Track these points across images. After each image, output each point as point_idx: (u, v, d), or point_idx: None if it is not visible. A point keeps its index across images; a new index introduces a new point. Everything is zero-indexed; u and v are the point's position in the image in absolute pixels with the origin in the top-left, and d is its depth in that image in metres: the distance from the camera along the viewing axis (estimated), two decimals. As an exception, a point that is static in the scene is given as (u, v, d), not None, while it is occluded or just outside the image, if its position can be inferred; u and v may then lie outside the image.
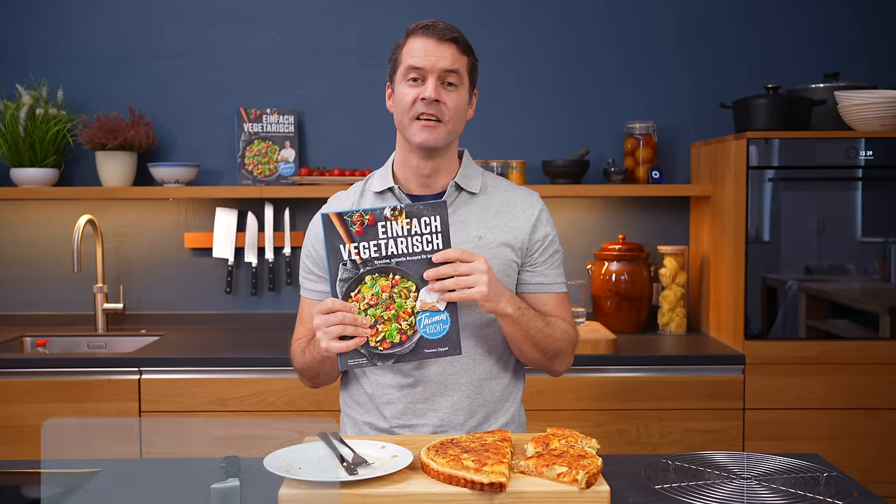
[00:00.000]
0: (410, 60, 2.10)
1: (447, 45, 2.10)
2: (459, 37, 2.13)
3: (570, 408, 3.31)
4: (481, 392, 2.18)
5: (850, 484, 1.82)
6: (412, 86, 2.10)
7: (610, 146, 3.99)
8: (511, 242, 2.18)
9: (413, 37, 2.13)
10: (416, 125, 2.10)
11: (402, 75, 2.13)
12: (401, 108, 2.13)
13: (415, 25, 2.14)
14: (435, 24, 2.12)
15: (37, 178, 3.78)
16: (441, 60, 2.09)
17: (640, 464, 1.93)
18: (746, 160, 3.33)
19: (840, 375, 3.35)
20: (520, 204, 2.23)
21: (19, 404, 3.27)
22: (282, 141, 3.94)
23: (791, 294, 3.38)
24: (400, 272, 1.95)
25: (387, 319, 1.95)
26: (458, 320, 1.99)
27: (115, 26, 3.97)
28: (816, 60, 3.93)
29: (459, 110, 2.14)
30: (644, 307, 3.79)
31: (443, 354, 1.98)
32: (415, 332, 1.96)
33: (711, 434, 3.32)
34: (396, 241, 1.95)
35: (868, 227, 3.37)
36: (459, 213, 2.17)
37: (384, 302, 1.95)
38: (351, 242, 1.93)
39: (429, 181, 2.18)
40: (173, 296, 4.03)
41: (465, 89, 2.14)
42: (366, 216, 1.94)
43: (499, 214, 2.19)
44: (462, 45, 2.13)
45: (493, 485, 1.67)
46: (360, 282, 1.94)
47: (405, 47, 2.14)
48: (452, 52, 2.11)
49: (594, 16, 3.98)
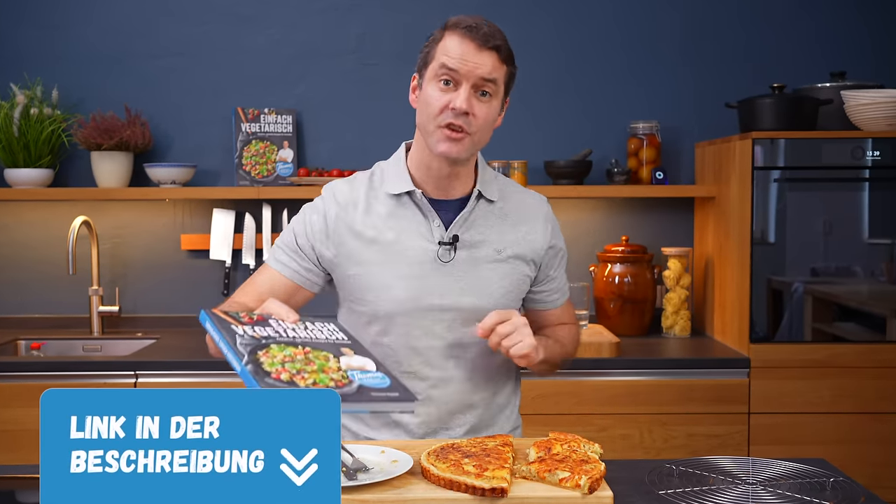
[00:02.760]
0: (445, 59, 1.94)
1: (488, 53, 1.94)
2: (503, 45, 1.97)
3: (572, 412, 3.29)
4: (489, 408, 2.16)
5: (857, 489, 1.80)
6: (444, 90, 1.94)
7: (613, 146, 3.96)
8: (528, 256, 2.12)
9: (452, 34, 1.96)
10: (440, 133, 1.95)
11: (433, 73, 1.97)
12: (427, 111, 1.97)
13: (455, 21, 1.97)
14: (479, 26, 1.95)
15: (31, 179, 3.75)
16: (479, 68, 1.93)
17: (643, 469, 1.90)
18: (752, 160, 3.31)
19: (847, 379, 3.32)
20: (533, 215, 2.15)
21: (13, 408, 3.25)
22: (280, 141, 3.91)
23: (797, 296, 3.36)
24: (310, 345, 1.72)
25: (312, 371, 1.63)
26: (396, 375, 1.76)
27: (111, 24, 3.95)
28: (822, 59, 3.90)
29: (489, 121, 1.99)
30: (648, 310, 3.77)
31: (395, 400, 1.65)
32: (350, 382, 1.63)
33: (716, 438, 3.30)
34: (296, 330, 1.77)
35: (875, 228, 3.35)
36: (479, 225, 2.07)
37: (301, 361, 1.65)
38: (244, 325, 1.73)
39: (448, 188, 2.06)
40: (170, 298, 4.00)
41: (497, 100, 1.99)
42: (254, 314, 1.79)
43: (516, 228, 2.11)
44: (504, 54, 1.97)
45: (494, 490, 1.65)
46: (265, 347, 1.67)
47: (441, 43, 1.97)
48: (493, 61, 1.95)
49: (597, 14, 3.96)
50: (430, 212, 2.04)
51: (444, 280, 2.03)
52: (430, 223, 2.04)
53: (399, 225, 2.04)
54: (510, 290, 2.09)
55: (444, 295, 2.03)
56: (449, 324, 2.05)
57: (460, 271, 2.04)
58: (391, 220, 2.04)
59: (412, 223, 2.04)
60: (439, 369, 2.07)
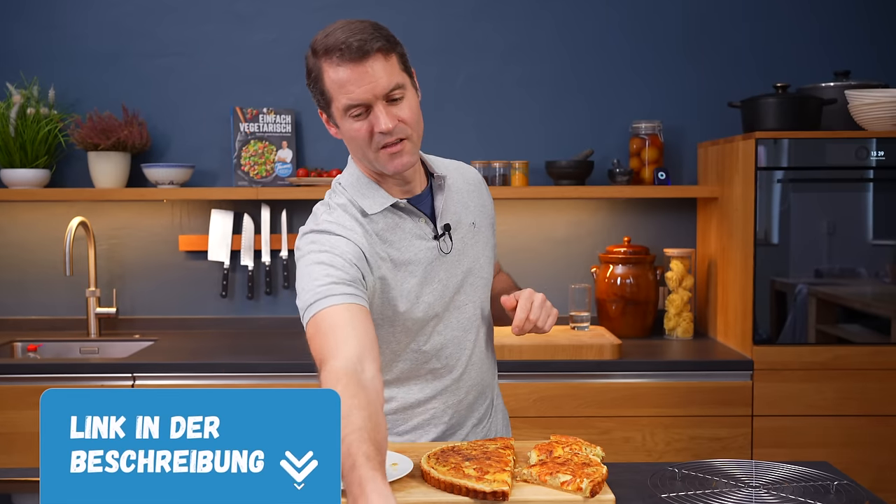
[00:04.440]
0: (345, 99, 1.82)
1: (372, 61, 1.81)
2: (378, 39, 1.83)
3: (574, 414, 3.27)
4: (492, 387, 2.23)
5: (861, 492, 1.80)
6: (359, 120, 1.85)
7: (615, 146, 3.94)
8: (490, 220, 2.19)
9: (329, 65, 1.83)
10: (382, 156, 1.88)
11: (340, 113, 1.86)
12: (357, 144, 1.89)
13: (324, 49, 1.84)
14: (347, 43, 1.81)
15: (28, 180, 3.73)
16: (377, 84, 1.81)
17: (645, 472, 1.91)
18: (755, 161, 3.30)
19: (851, 381, 3.31)
20: (473, 180, 2.19)
21: (10, 411, 3.24)
22: (279, 141, 3.89)
23: (801, 298, 3.34)
24: None
25: None
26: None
27: (108, 23, 3.93)
28: (826, 58, 3.89)
29: (416, 115, 1.90)
30: (650, 311, 3.75)
31: None
32: None
33: (719, 441, 3.28)
34: None
35: (879, 229, 3.34)
36: (449, 205, 2.05)
37: None
38: None
39: (411, 187, 2.01)
40: (167, 300, 3.99)
41: (410, 89, 1.90)
42: None
43: (469, 196, 2.13)
44: (384, 47, 1.84)
45: (495, 493, 1.65)
46: None
47: (326, 80, 1.85)
48: (382, 66, 1.82)
49: (599, 13, 3.95)
50: (415, 213, 2.01)
51: (452, 269, 2.05)
52: (419, 223, 2.01)
53: (398, 236, 1.99)
54: (492, 256, 2.17)
55: (457, 284, 2.06)
56: (463, 310, 2.08)
57: (457, 256, 2.06)
58: (393, 235, 1.98)
59: (406, 229, 2.00)
60: (465, 356, 2.09)
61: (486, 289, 2.14)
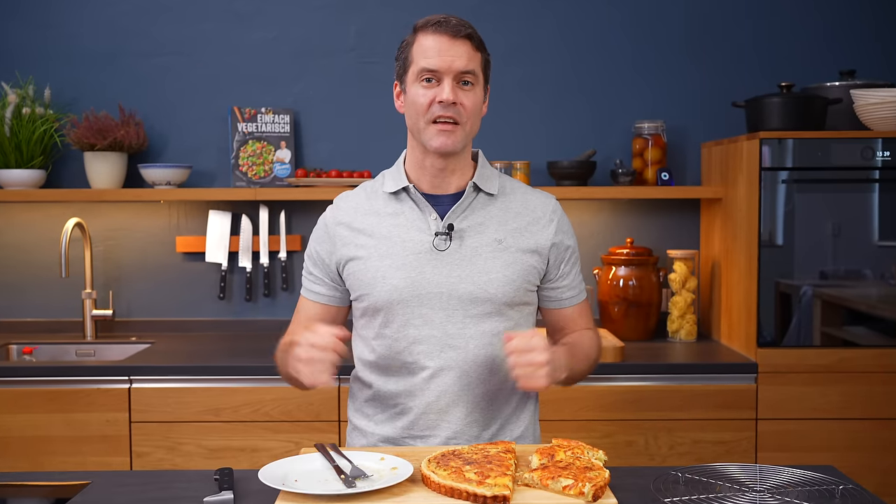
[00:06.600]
0: (423, 62, 2.03)
1: (461, 43, 2.03)
2: (473, 32, 2.07)
3: (576, 418, 3.26)
4: (495, 402, 2.15)
5: (867, 497, 1.81)
6: (427, 87, 2.04)
7: (617, 147, 3.94)
8: (532, 248, 2.15)
9: (424, 34, 2.05)
10: (432, 129, 2.05)
11: (414, 76, 2.06)
12: (415, 110, 2.06)
13: (424, 22, 2.06)
14: (447, 19, 2.04)
15: (23, 180, 3.72)
16: (456, 60, 2.02)
17: (648, 476, 1.91)
18: (759, 161, 3.29)
19: (856, 384, 3.30)
20: (539, 208, 2.20)
21: (5, 414, 3.24)
22: (277, 141, 3.87)
23: (805, 300, 3.33)
24: None
25: None
26: None
27: (105, 22, 3.92)
28: (831, 58, 3.88)
29: (476, 110, 2.08)
30: (653, 313, 3.74)
31: None
32: None
33: (723, 445, 3.28)
34: None
35: (885, 230, 3.33)
36: (477, 215, 2.13)
37: None
38: None
39: (443, 182, 2.13)
40: (165, 302, 3.97)
41: (480, 87, 2.09)
42: None
43: (518, 217, 2.16)
44: (476, 42, 2.07)
45: (496, 498, 1.66)
46: None
47: (415, 46, 2.06)
48: (467, 50, 2.04)
49: (601, 12, 3.94)
50: (426, 205, 2.11)
51: (442, 269, 2.08)
52: (427, 216, 2.10)
53: (396, 220, 2.12)
54: (514, 280, 2.11)
55: (441, 283, 2.07)
56: (448, 313, 2.08)
57: (457, 260, 2.09)
58: (389, 217, 2.13)
59: (409, 217, 2.11)
60: (438, 359, 2.09)
61: (495, 306, 2.09)
